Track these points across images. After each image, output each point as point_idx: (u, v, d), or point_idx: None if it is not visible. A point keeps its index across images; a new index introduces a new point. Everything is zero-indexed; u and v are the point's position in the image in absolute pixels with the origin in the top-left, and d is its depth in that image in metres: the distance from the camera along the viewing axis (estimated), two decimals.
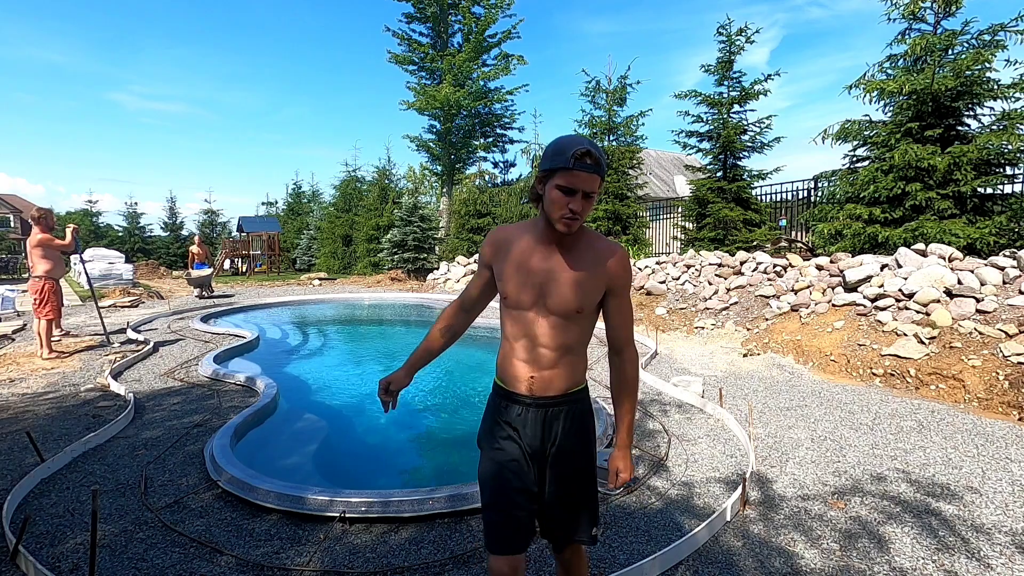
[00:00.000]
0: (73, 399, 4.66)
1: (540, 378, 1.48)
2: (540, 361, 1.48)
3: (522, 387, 1.50)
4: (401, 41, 19.54)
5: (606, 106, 13.91)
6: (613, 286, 1.48)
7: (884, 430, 3.84)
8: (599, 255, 1.46)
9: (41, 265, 6.22)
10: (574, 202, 1.34)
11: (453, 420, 4.72)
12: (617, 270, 1.46)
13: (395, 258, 16.72)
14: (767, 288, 7.42)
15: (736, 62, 11.61)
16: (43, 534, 2.52)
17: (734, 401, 4.51)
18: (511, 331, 1.51)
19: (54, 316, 6.33)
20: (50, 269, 6.26)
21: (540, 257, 1.46)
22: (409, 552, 2.38)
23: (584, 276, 1.44)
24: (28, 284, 6.31)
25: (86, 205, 31.13)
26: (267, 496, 2.75)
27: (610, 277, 1.46)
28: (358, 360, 7.32)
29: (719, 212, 11.33)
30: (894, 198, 7.99)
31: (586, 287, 1.44)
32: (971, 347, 4.81)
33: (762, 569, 2.25)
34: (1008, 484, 2.99)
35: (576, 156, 1.31)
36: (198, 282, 13.38)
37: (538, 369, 1.48)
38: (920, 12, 8.21)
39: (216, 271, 23.68)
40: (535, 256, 1.46)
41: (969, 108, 8.01)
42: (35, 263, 6.22)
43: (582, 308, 1.45)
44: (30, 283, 6.25)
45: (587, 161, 1.32)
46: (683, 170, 14.94)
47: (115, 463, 3.32)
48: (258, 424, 4.14)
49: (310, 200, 30.32)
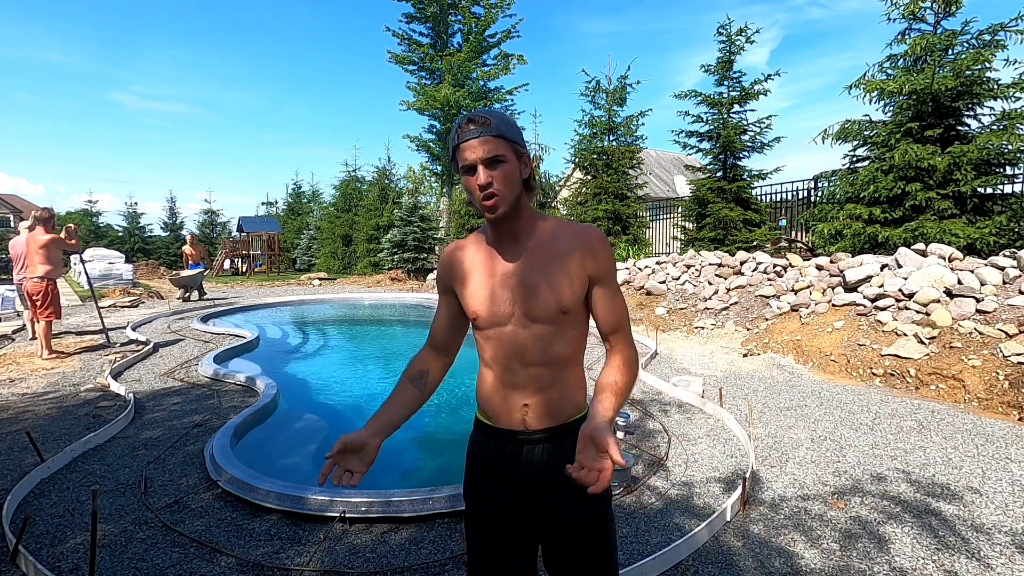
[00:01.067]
0: (73, 399, 4.66)
1: (535, 404, 1.24)
2: (532, 383, 1.23)
3: (514, 420, 1.25)
4: (401, 41, 19.54)
5: (606, 106, 13.91)
6: (592, 273, 1.22)
7: (884, 430, 3.84)
8: (569, 241, 1.22)
9: (43, 266, 6.18)
10: (479, 177, 1.13)
11: (453, 420, 4.71)
12: (593, 252, 1.21)
13: (395, 258, 16.72)
14: (767, 288, 7.42)
15: (736, 62, 11.62)
16: (43, 534, 2.52)
17: (734, 401, 4.51)
18: (490, 355, 1.26)
19: (56, 317, 6.32)
20: (51, 270, 6.23)
21: (503, 261, 1.23)
22: (409, 552, 2.38)
23: (558, 269, 1.20)
24: (27, 285, 6.24)
25: (86, 205, 31.13)
26: (267, 496, 2.75)
27: (587, 262, 1.21)
28: (358, 360, 7.32)
29: (719, 212, 11.33)
30: (894, 198, 7.99)
31: (564, 281, 1.20)
32: (971, 347, 4.81)
33: (762, 569, 2.25)
34: (1008, 484, 2.99)
35: (458, 130, 1.14)
36: (183, 283, 12.32)
37: (531, 394, 1.23)
38: (920, 12, 8.21)
39: (216, 271, 23.68)
40: (497, 262, 1.24)
41: (969, 108, 8.01)
42: (36, 264, 6.17)
43: (567, 307, 1.20)
44: (30, 284, 6.17)
45: (470, 128, 1.13)
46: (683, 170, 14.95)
47: (115, 463, 3.32)
48: (258, 424, 4.14)
49: (310, 200, 30.33)
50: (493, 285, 1.23)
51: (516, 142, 1.17)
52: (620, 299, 1.26)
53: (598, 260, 1.22)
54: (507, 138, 1.15)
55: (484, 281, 1.25)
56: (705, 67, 11.88)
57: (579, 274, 1.21)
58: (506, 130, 1.15)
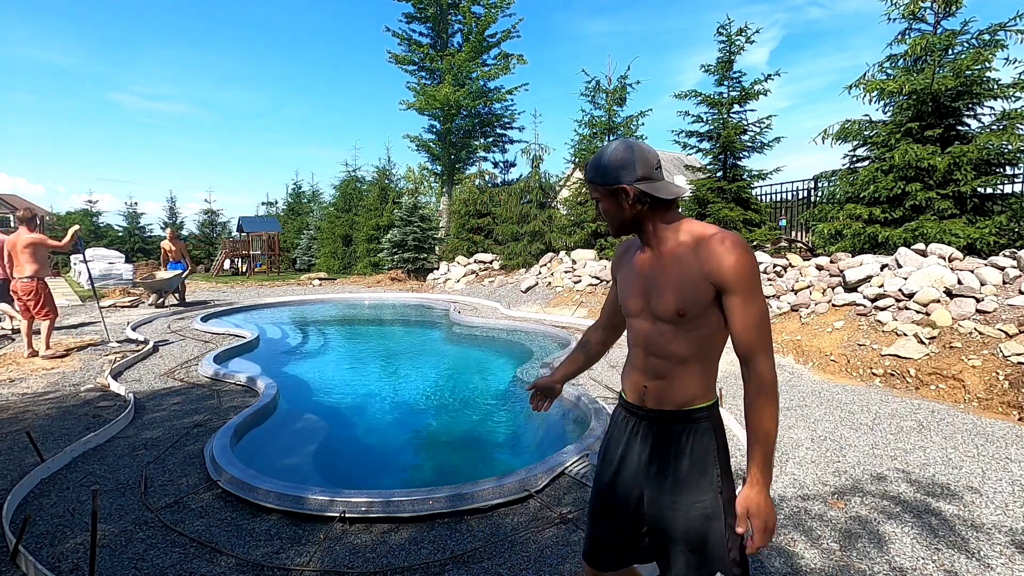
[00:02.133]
0: (73, 399, 4.66)
1: (652, 388, 1.38)
2: (652, 370, 1.38)
3: (636, 396, 1.43)
4: (401, 41, 19.55)
5: (606, 106, 13.90)
6: (718, 281, 1.25)
7: (884, 430, 3.84)
8: (693, 246, 1.29)
9: (30, 266, 6.11)
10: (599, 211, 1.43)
11: (453, 420, 4.72)
12: (713, 258, 1.25)
13: (395, 258, 16.71)
14: (767, 288, 7.41)
15: (736, 62, 11.59)
16: (43, 534, 2.52)
17: (734, 401, 4.51)
18: (629, 339, 1.48)
19: (53, 316, 6.30)
20: (39, 270, 6.18)
21: (643, 261, 1.40)
22: (409, 552, 2.38)
23: (679, 273, 1.30)
24: (16, 286, 6.14)
25: (86, 205, 31.07)
26: (267, 496, 2.75)
27: (709, 270, 1.25)
28: (358, 360, 7.32)
29: (719, 212, 11.32)
30: (894, 198, 7.98)
31: (684, 286, 1.28)
32: (971, 347, 4.81)
33: (762, 569, 2.25)
34: (1008, 484, 2.99)
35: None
36: (157, 287, 10.78)
37: (650, 379, 1.38)
38: (920, 12, 8.20)
39: (216, 271, 23.68)
40: (638, 261, 1.42)
41: (969, 108, 8.01)
42: (23, 264, 6.10)
43: (683, 311, 1.28)
44: (20, 285, 6.09)
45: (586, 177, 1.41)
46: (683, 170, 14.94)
47: (115, 463, 3.32)
48: (258, 424, 4.14)
49: (310, 200, 30.27)
50: (633, 281, 1.43)
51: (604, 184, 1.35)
52: (749, 308, 1.25)
53: (720, 267, 1.25)
54: (596, 183, 1.37)
55: (628, 275, 1.45)
56: (705, 67, 11.87)
57: (700, 281, 1.27)
58: (593, 175, 1.37)
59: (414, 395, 5.37)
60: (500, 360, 6.96)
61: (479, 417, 4.74)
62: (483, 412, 4.88)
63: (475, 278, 14.01)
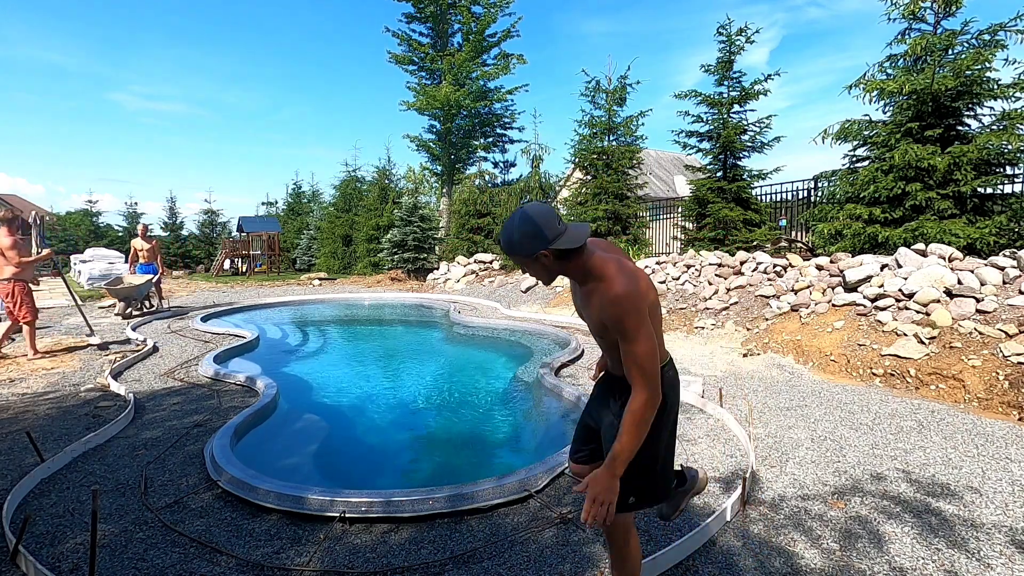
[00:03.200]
0: (73, 399, 4.66)
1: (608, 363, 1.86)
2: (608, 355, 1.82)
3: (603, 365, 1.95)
4: (401, 41, 19.55)
5: (606, 106, 13.90)
6: (605, 323, 1.58)
7: (884, 430, 3.84)
8: (595, 290, 1.59)
9: (8, 268, 6.02)
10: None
11: (453, 420, 4.71)
12: (600, 307, 1.56)
13: (395, 258, 16.71)
14: (767, 288, 7.42)
15: (736, 62, 11.61)
16: (43, 534, 2.52)
17: (734, 401, 4.51)
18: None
19: (32, 318, 6.16)
20: (19, 272, 6.08)
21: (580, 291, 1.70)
22: (409, 552, 2.38)
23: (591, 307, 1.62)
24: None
25: (86, 205, 31.09)
26: (267, 496, 2.75)
27: (599, 315, 1.58)
28: (358, 360, 7.32)
29: (719, 212, 11.33)
30: (894, 198, 7.99)
31: (593, 319, 1.64)
32: (971, 347, 4.81)
33: (762, 569, 2.25)
34: (1008, 484, 2.99)
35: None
36: (124, 293, 9.11)
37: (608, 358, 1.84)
38: (920, 12, 8.21)
39: (216, 271, 23.68)
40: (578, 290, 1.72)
41: (969, 108, 8.01)
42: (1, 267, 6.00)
43: (601, 335, 1.69)
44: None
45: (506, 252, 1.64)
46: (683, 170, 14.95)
47: (115, 463, 3.32)
48: (258, 424, 4.14)
49: (310, 200, 30.25)
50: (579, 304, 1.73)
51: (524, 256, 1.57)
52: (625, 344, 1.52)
53: (604, 314, 1.56)
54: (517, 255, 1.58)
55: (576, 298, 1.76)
56: (705, 67, 11.88)
57: (599, 317, 1.59)
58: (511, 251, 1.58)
59: (414, 395, 5.37)
60: (500, 360, 6.96)
61: (479, 417, 4.74)
62: (483, 412, 4.88)
63: (475, 278, 14.01)
